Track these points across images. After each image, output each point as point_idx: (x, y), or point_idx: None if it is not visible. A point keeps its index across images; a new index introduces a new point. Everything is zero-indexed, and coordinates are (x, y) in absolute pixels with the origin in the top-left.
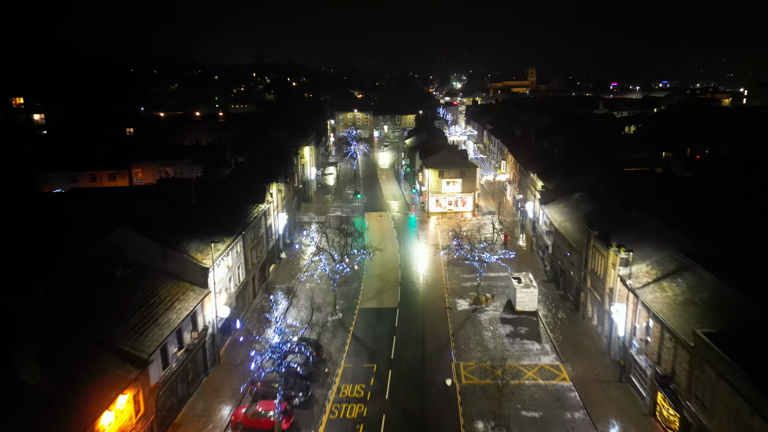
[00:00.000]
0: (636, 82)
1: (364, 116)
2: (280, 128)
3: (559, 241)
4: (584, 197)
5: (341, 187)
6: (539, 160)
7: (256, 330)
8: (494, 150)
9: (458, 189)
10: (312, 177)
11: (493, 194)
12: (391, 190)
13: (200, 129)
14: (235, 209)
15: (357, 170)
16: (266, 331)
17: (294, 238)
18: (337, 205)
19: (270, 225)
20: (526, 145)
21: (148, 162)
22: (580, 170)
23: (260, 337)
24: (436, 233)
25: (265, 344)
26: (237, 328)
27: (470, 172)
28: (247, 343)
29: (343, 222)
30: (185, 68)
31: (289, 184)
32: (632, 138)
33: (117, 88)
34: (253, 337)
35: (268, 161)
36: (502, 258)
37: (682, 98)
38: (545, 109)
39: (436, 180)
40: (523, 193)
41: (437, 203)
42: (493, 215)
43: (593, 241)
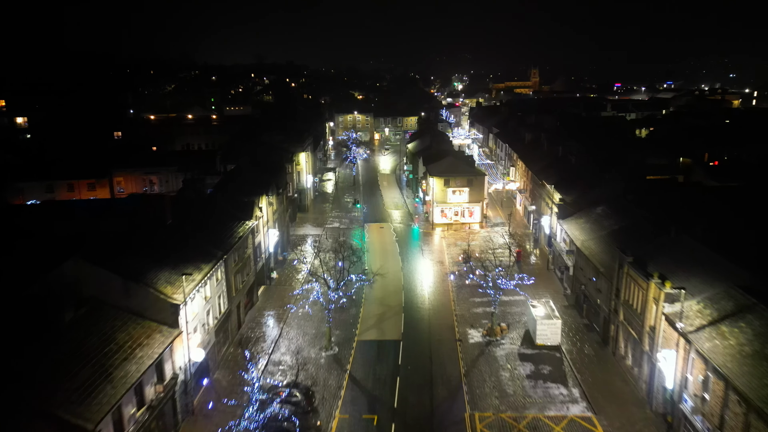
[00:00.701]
0: (639, 83)
1: (365, 118)
2: (274, 133)
3: (582, 263)
4: (608, 211)
5: (340, 195)
6: (553, 168)
7: (233, 378)
8: (501, 155)
9: (465, 199)
10: (308, 185)
11: (501, 203)
12: (392, 198)
13: (192, 132)
14: (218, 228)
15: (356, 176)
16: (248, 378)
17: (287, 255)
18: (335, 215)
19: (259, 243)
20: (537, 150)
21: (131, 170)
22: (600, 180)
23: (240, 388)
24: (441, 247)
25: (245, 397)
26: (208, 383)
27: (478, 181)
28: (225, 391)
29: (342, 235)
30: (183, 69)
31: (281, 196)
32: (645, 142)
33: (104, 90)
34: (225, 401)
35: (260, 170)
36: (520, 284)
37: (691, 99)
38: (550, 110)
39: (442, 189)
40: (536, 204)
41: (442, 214)
42: (503, 227)
43: (627, 268)
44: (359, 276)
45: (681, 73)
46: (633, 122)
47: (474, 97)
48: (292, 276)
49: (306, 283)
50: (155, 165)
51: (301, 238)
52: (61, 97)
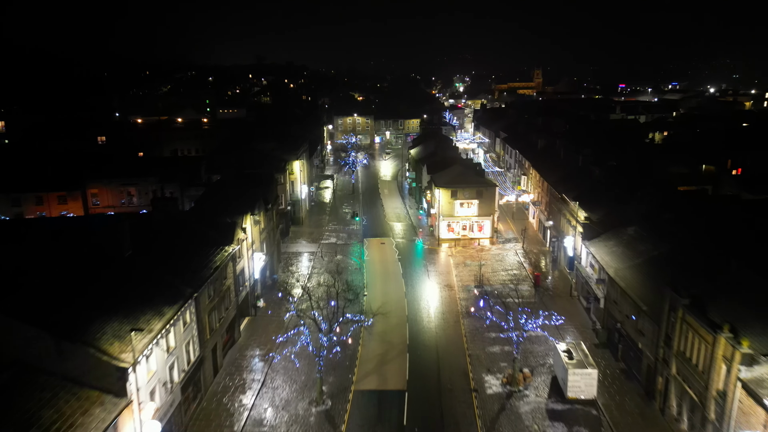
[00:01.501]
0: (643, 83)
1: (365, 121)
2: (267, 139)
3: (615, 295)
4: (642, 233)
5: (338, 204)
6: (573, 180)
7: None
8: (511, 162)
9: (474, 212)
10: (303, 196)
11: (512, 215)
12: (394, 209)
13: (181, 137)
14: (191, 257)
15: (356, 184)
16: None
17: (277, 277)
18: (332, 228)
19: (242, 269)
20: (552, 158)
21: (107, 181)
22: (629, 194)
23: None
24: (448, 267)
25: None
26: None
27: (488, 193)
28: None
29: (339, 252)
30: (179, 70)
31: (270, 212)
32: (663, 148)
33: (83, 92)
34: None
35: (247, 182)
36: (546, 325)
37: (702, 101)
38: (557, 112)
39: (448, 201)
40: (554, 220)
41: (449, 228)
42: (516, 243)
43: (682, 312)
44: (357, 316)
45: (683, 74)
46: (645, 126)
47: (477, 99)
48: (282, 304)
49: (292, 328)
50: (134, 175)
51: (295, 256)
52: (36, 101)
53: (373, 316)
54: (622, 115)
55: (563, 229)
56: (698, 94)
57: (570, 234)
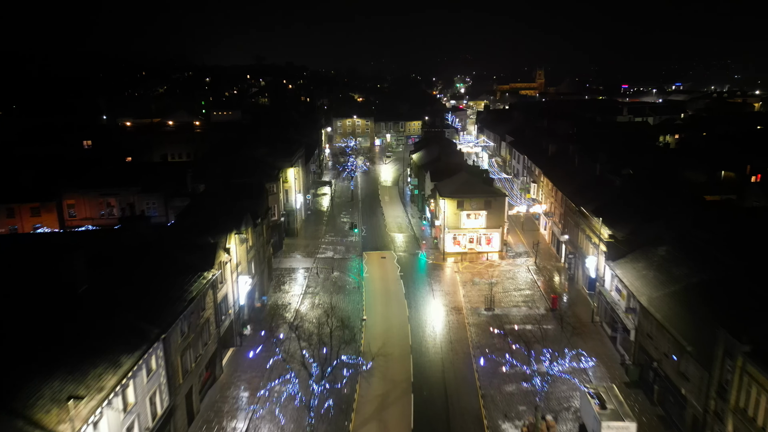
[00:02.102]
0: (644, 84)
1: (365, 123)
2: (259, 144)
3: (650, 328)
4: (675, 254)
5: (336, 213)
6: (590, 191)
7: None
8: (518, 167)
9: (482, 224)
10: (298, 205)
11: (522, 226)
12: (395, 218)
13: (172, 141)
14: (161, 289)
15: (355, 190)
16: None
17: (267, 299)
18: (329, 240)
19: (225, 296)
20: (565, 165)
21: (85, 191)
22: (657, 208)
23: None
24: (455, 286)
25: None
26: None
27: (497, 203)
28: None
29: (336, 267)
30: (176, 70)
31: (260, 226)
32: (677, 153)
33: (64, 94)
34: None
35: (234, 194)
36: (575, 368)
37: (710, 103)
38: (562, 114)
39: (454, 212)
40: (570, 235)
41: (455, 241)
42: (527, 258)
43: (742, 361)
44: (353, 359)
45: (685, 74)
46: (654, 128)
47: (478, 99)
48: (273, 328)
49: (277, 377)
50: (115, 184)
51: (288, 272)
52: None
53: (373, 359)
54: (629, 117)
55: (582, 246)
56: (705, 95)
57: (591, 253)
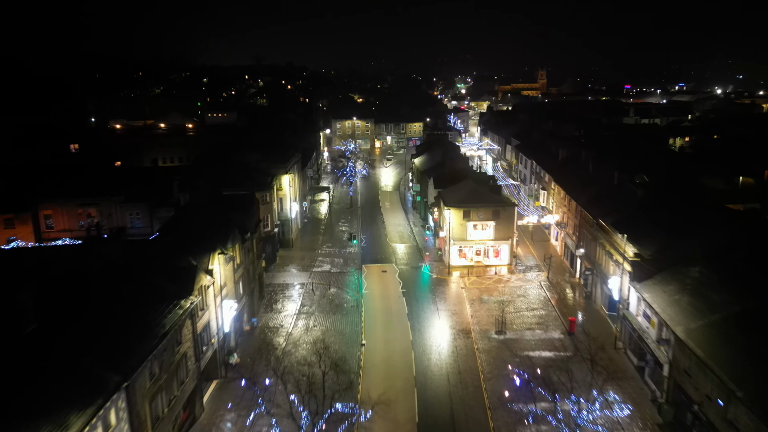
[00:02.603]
0: (646, 84)
1: (365, 125)
2: (253, 149)
3: (688, 364)
4: (711, 276)
5: (334, 221)
6: (609, 201)
7: None
8: (525, 173)
9: (490, 235)
10: (293, 214)
11: (532, 236)
12: (396, 226)
13: (163, 145)
14: (125, 323)
15: (354, 196)
16: None
17: (257, 322)
18: (326, 251)
19: (206, 324)
20: (577, 171)
21: (63, 201)
22: (685, 222)
23: None
24: (461, 304)
25: None
26: None
27: (507, 213)
28: None
29: (334, 282)
30: (174, 70)
31: (250, 241)
32: (691, 157)
33: (53, 96)
34: None
35: (222, 205)
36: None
37: (718, 104)
38: (567, 116)
39: (460, 223)
40: (586, 248)
41: (461, 254)
42: (539, 272)
43: None
44: (349, 407)
45: (686, 75)
46: (661, 129)
47: (480, 100)
48: (262, 353)
49: None
50: (96, 194)
51: (281, 289)
52: None
53: (372, 408)
54: (635, 119)
55: (600, 262)
56: (711, 96)
57: (612, 271)
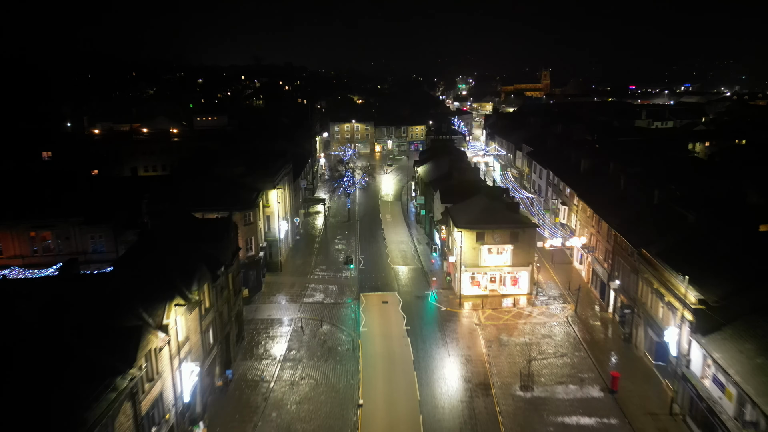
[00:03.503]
0: (652, 85)
1: (364, 128)
2: (240, 158)
3: None
4: None
5: (330, 237)
6: (650, 225)
7: None
8: (540, 183)
9: (507, 260)
10: (282, 234)
11: (552, 257)
12: (398, 243)
13: (144, 151)
14: (31, 419)
15: (353, 207)
16: None
17: (231, 375)
18: (319, 276)
19: (161, 394)
20: (604, 185)
21: (13, 224)
22: (754, 257)
23: None
24: (476, 346)
25: None
26: None
27: (526, 236)
28: None
29: (327, 316)
30: (168, 71)
31: (224, 277)
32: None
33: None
34: None
35: (193, 232)
36: None
37: (732, 105)
38: (575, 118)
39: (473, 247)
40: (622, 279)
41: (473, 281)
42: (561, 303)
43: None
44: None
45: (688, 75)
46: (683, 135)
47: (483, 101)
48: (235, 420)
49: None
50: (51, 215)
51: (265, 326)
52: None
53: None
54: (647, 122)
55: (644, 301)
56: (725, 97)
57: (665, 317)
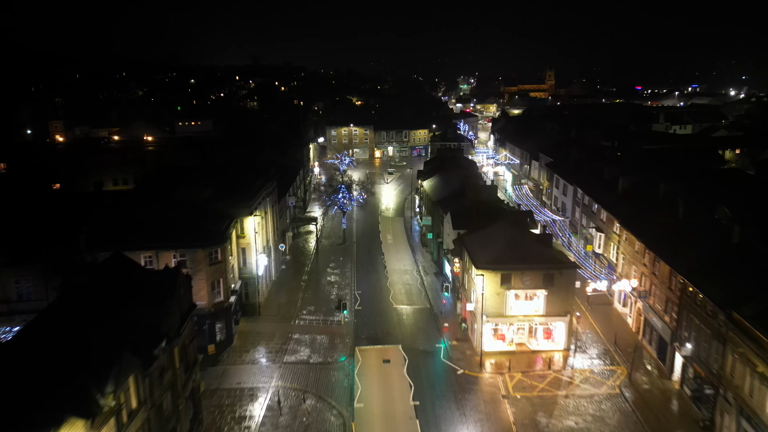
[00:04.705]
0: (658, 86)
1: (363, 132)
2: (213, 178)
3: None
4: None
5: (322, 265)
6: (737, 274)
7: None
8: (565, 201)
9: (539, 308)
10: (261, 269)
11: (587, 298)
12: (401, 274)
13: (114, 162)
14: None
15: (349, 226)
16: None
17: None
18: (306, 321)
19: None
20: (653, 211)
21: None
22: None
23: None
24: (506, 429)
25: None
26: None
27: (563, 278)
28: None
29: (314, 384)
30: (159, 71)
31: (167, 354)
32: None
33: None
34: None
35: (124, 291)
36: None
37: (752, 108)
38: (589, 122)
39: (497, 292)
40: (698, 346)
41: (496, 334)
42: (610, 365)
43: None
44: None
45: (691, 76)
46: (709, 140)
47: (486, 102)
48: None
49: None
50: None
51: (232, 398)
52: None
53: None
54: (665, 125)
55: (739, 383)
56: (742, 99)
57: None
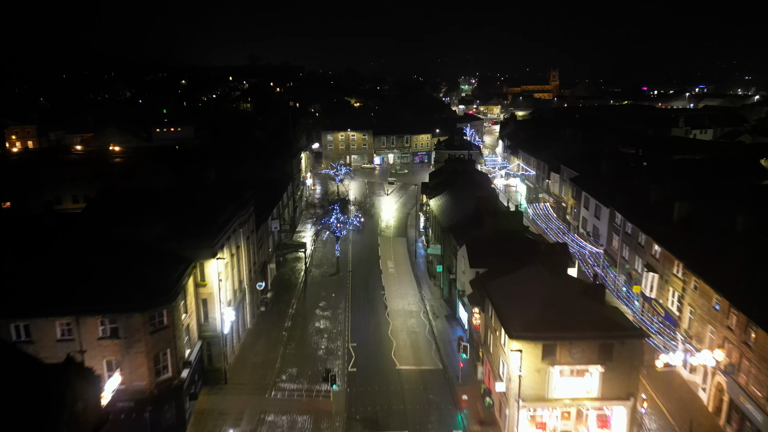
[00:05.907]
0: (664, 86)
1: (361, 137)
2: (173, 203)
3: None
4: None
5: (309, 305)
6: None
7: None
8: (598, 226)
9: (592, 389)
10: (226, 328)
11: (648, 371)
12: (406, 317)
13: (73, 177)
14: None
15: (344, 249)
16: None
17: None
18: (285, 391)
19: None
20: (724, 246)
21: None
22: None
23: None
24: None
25: None
26: None
27: (625, 351)
28: None
29: None
30: (149, 71)
31: None
32: None
33: None
34: None
35: None
36: None
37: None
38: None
39: (536, 368)
40: None
41: (535, 422)
42: None
43: None
44: None
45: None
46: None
47: (489, 104)
48: None
49: None
50: None
51: None
52: None
53: None
54: (685, 130)
55: None
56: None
57: None
